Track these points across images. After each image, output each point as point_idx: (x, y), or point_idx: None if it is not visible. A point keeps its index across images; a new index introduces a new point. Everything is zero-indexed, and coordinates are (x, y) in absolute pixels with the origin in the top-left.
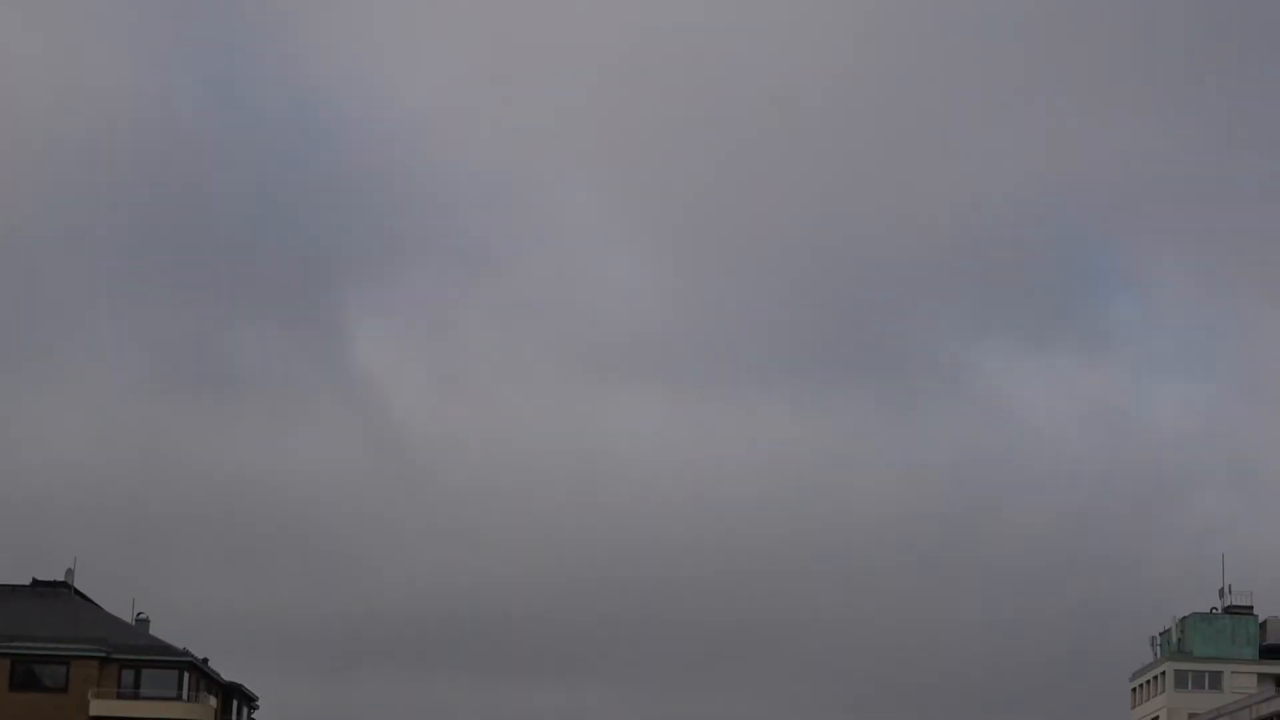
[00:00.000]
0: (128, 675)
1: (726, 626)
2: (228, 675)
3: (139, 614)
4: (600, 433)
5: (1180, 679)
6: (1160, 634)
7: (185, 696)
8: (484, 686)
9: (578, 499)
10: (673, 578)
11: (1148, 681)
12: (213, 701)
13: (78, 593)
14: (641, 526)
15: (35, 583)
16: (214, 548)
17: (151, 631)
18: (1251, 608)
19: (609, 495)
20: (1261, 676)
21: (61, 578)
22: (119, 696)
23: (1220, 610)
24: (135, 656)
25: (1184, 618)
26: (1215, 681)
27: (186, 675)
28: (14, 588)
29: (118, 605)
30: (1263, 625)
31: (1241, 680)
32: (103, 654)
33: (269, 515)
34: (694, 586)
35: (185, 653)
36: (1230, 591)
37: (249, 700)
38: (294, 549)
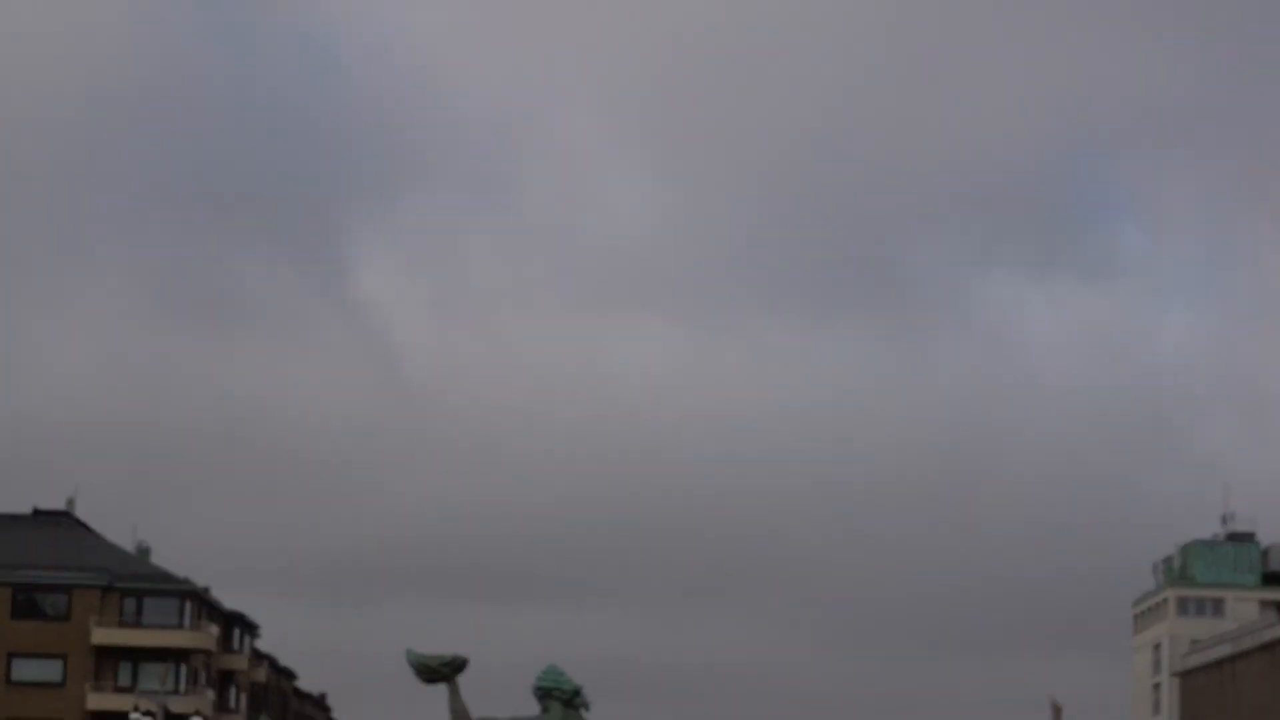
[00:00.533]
0: (129, 604)
1: (727, 554)
2: (229, 604)
3: (140, 543)
4: (604, 361)
5: (1182, 606)
6: (1162, 561)
7: (187, 625)
8: (485, 611)
9: (581, 427)
10: (674, 505)
11: (1150, 608)
12: (214, 630)
13: (79, 522)
14: (644, 455)
15: (36, 512)
16: (216, 477)
17: (152, 560)
18: (1254, 534)
19: (612, 423)
20: (1264, 603)
21: (62, 506)
22: (120, 625)
23: (1222, 537)
24: (137, 585)
25: (1186, 544)
26: (1217, 608)
27: (188, 604)
28: (15, 517)
29: (119, 534)
30: (1265, 552)
31: (1243, 607)
32: (104, 583)
33: (271, 444)
34: (695, 514)
35: (186, 581)
36: (1233, 518)
37: (251, 629)
38: (296, 478)
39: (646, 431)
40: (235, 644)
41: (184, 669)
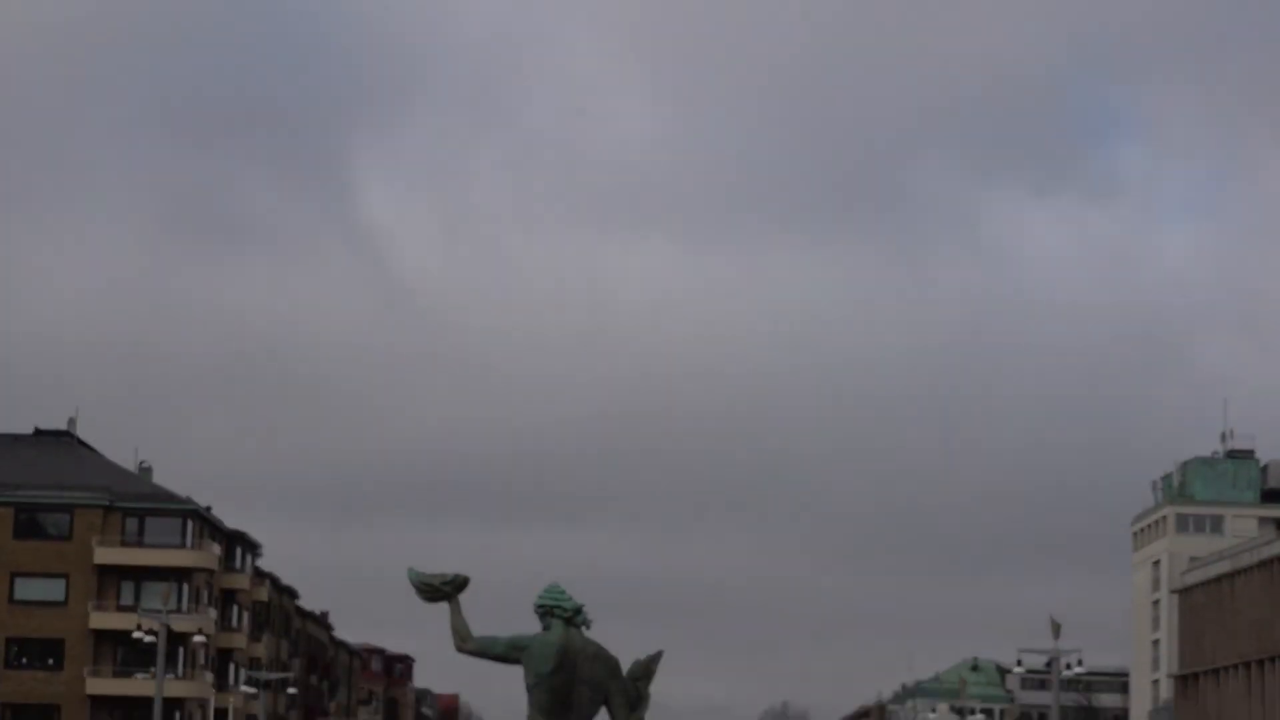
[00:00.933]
0: (131, 523)
1: (729, 471)
2: (230, 523)
3: (141, 462)
4: (606, 278)
5: (1181, 523)
6: (1162, 478)
7: (189, 544)
8: (490, 531)
9: (584, 344)
10: (677, 423)
11: (1149, 525)
12: (216, 549)
13: (80, 441)
14: (647, 372)
15: (38, 431)
16: (218, 396)
17: (154, 480)
18: (1253, 451)
19: (615, 340)
20: (1262, 520)
21: (64, 426)
22: (122, 544)
23: (1222, 454)
24: (138, 505)
25: (1185, 462)
26: (1216, 525)
27: (189, 523)
28: (16, 436)
29: (120, 453)
30: (1264, 469)
31: (1242, 524)
32: (106, 502)
33: (274, 364)
34: (698, 431)
35: (188, 501)
36: (1232, 435)
37: (252, 548)
38: (299, 397)
39: (649, 349)
40: (237, 563)
41: (186, 588)
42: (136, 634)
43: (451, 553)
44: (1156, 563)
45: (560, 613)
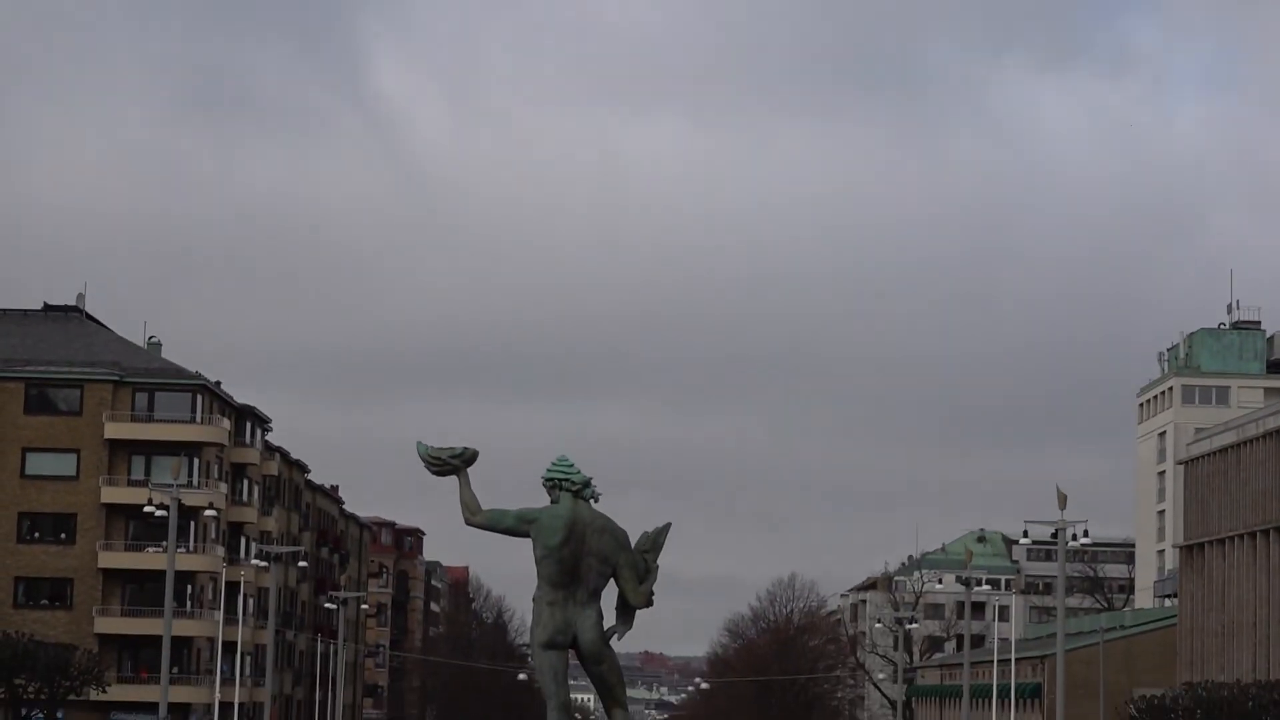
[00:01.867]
0: (141, 398)
1: (741, 344)
2: (240, 398)
3: (151, 337)
4: (617, 154)
5: (1187, 394)
6: (1168, 349)
7: (198, 419)
8: (500, 404)
9: (595, 219)
10: (688, 296)
11: (1155, 396)
12: (226, 424)
13: (89, 316)
14: (658, 252)
15: (47, 307)
16: (228, 272)
17: (163, 355)
18: (1259, 323)
19: (626, 216)
20: (1268, 391)
21: (73, 301)
22: (132, 419)
23: (1228, 325)
24: (148, 380)
25: (1191, 333)
26: (1222, 396)
27: (199, 398)
28: (26, 312)
29: (129, 329)
30: (1270, 340)
31: (1248, 394)
32: (116, 377)
33: (284, 239)
34: (710, 305)
35: (198, 375)
36: (1238, 306)
37: (262, 422)
38: (309, 273)
39: (660, 223)
40: (247, 437)
41: (196, 462)
42: (148, 508)
43: (462, 425)
44: (1162, 434)
45: (568, 485)
